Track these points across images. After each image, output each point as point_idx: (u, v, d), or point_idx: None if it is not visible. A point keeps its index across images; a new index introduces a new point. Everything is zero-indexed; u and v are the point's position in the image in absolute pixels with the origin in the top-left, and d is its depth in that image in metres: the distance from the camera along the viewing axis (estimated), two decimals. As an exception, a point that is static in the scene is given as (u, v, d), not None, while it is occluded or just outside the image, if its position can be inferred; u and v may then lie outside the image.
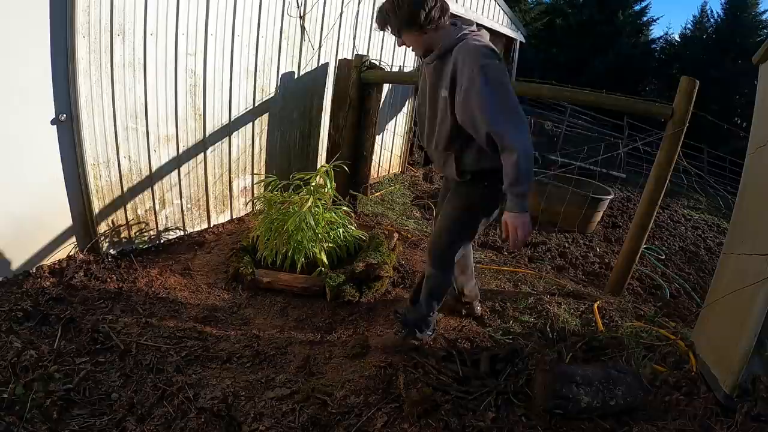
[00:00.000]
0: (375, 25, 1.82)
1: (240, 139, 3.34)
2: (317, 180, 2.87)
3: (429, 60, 1.77)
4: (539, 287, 2.91)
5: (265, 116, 3.49)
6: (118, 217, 2.73)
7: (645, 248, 4.14)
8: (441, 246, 2.01)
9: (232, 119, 3.21)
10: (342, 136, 3.77)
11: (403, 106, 5.44)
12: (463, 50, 1.63)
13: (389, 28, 1.74)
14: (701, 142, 6.92)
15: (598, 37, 15.34)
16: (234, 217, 3.53)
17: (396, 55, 4.88)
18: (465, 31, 1.69)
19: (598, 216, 5.15)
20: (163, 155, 2.84)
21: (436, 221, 2.19)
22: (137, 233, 2.86)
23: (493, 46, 1.67)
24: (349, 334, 2.29)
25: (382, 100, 4.32)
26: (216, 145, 3.17)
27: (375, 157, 4.40)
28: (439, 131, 1.82)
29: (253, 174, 3.56)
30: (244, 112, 3.29)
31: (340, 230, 2.90)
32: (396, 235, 3.34)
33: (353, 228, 3.01)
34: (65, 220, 2.54)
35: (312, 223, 2.69)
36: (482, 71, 1.56)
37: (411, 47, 1.78)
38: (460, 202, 1.94)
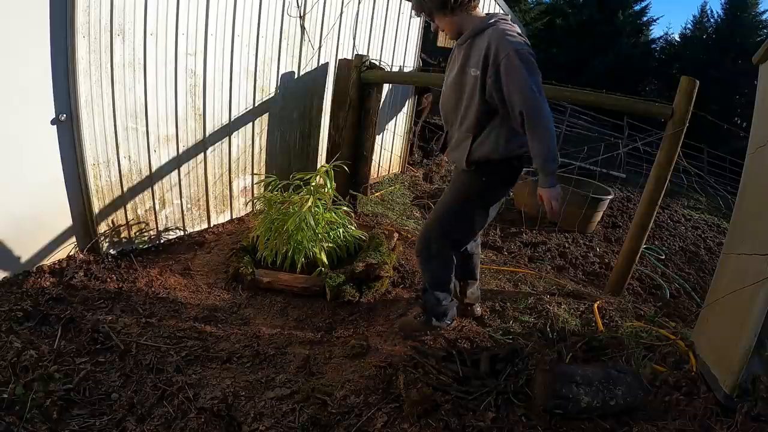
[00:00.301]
0: (412, 11, 1.94)
1: (240, 139, 3.34)
2: (317, 180, 2.87)
3: (461, 41, 1.85)
4: (539, 287, 2.91)
5: (265, 116, 3.49)
6: (118, 217, 2.73)
7: (645, 248, 4.14)
8: (430, 233, 2.06)
9: (232, 119, 3.21)
10: (342, 136, 3.77)
11: (403, 106, 5.44)
12: (496, 33, 1.72)
13: (423, 12, 1.85)
14: (701, 142, 6.93)
15: (598, 37, 15.34)
16: (234, 217, 3.53)
17: (396, 55, 4.88)
18: (497, 18, 1.79)
19: (598, 216, 5.15)
20: (163, 155, 2.84)
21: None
22: (137, 233, 2.86)
23: (522, 37, 1.77)
24: (349, 334, 2.29)
25: (382, 100, 4.32)
26: (216, 145, 3.17)
27: (375, 157, 4.40)
28: (466, 110, 1.89)
29: (253, 174, 3.56)
30: (244, 112, 3.29)
31: (340, 230, 2.90)
32: (396, 235, 3.34)
33: (353, 228, 3.01)
34: (65, 220, 2.54)
35: (312, 223, 2.69)
36: (518, 54, 1.67)
37: (443, 30, 1.89)
38: (457, 189, 2.03)
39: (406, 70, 5.03)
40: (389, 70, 4.19)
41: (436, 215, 2.07)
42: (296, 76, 3.64)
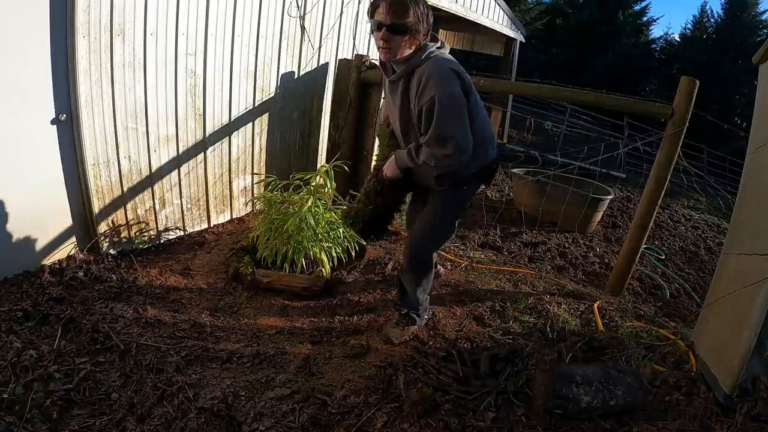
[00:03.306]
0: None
1: (240, 139, 3.34)
2: (317, 180, 2.87)
3: (395, 77, 1.83)
4: (539, 287, 2.91)
5: (265, 116, 3.49)
6: (118, 217, 2.73)
7: (645, 248, 4.14)
8: (418, 248, 2.10)
9: (232, 119, 3.21)
10: (342, 135, 3.77)
11: (403, 106, 5.43)
12: (427, 72, 1.70)
13: (398, 28, 1.69)
14: (701, 142, 6.93)
15: (598, 37, 15.37)
16: (234, 217, 3.53)
17: (396, 55, 4.87)
18: (430, 50, 1.76)
19: (598, 216, 5.15)
20: (163, 155, 2.84)
21: (414, 220, 2.27)
22: (137, 233, 2.86)
23: (457, 66, 1.75)
24: (349, 333, 2.28)
25: (382, 99, 4.32)
26: (216, 145, 3.17)
27: (375, 156, 4.40)
28: (407, 143, 1.93)
29: (253, 174, 3.56)
30: (244, 112, 3.29)
31: (340, 230, 2.90)
32: (396, 235, 3.34)
33: (353, 228, 3.01)
34: (65, 220, 2.54)
35: (312, 223, 2.69)
36: (439, 98, 1.67)
37: (387, 44, 1.73)
38: (438, 207, 2.05)
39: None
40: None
41: (423, 233, 2.09)
42: (296, 76, 3.64)
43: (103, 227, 2.66)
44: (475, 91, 1.83)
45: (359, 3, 4.03)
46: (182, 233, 3.15)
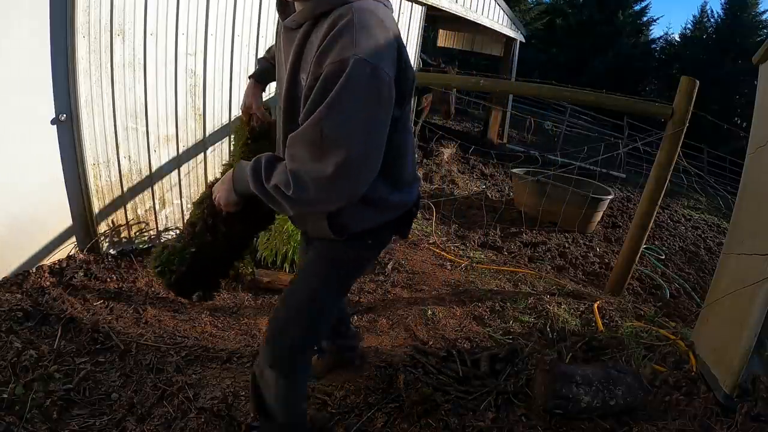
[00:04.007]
0: None
1: (240, 139, 3.34)
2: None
3: (292, 22, 1.04)
4: (539, 287, 2.91)
5: (265, 116, 3.49)
6: (118, 217, 2.73)
7: (645, 248, 4.14)
8: (288, 334, 1.28)
9: (232, 119, 3.21)
10: (342, 136, 3.76)
11: (403, 106, 5.44)
12: (346, 19, 0.93)
13: None
14: (701, 142, 6.92)
15: (598, 37, 15.38)
16: (234, 217, 3.52)
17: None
18: None
19: (598, 216, 5.15)
20: (163, 155, 2.84)
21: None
22: (137, 233, 2.86)
23: (398, 34, 1.03)
24: (349, 334, 2.28)
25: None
26: (216, 145, 3.17)
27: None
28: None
29: (253, 174, 3.56)
30: (244, 112, 3.29)
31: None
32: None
33: (353, 228, 3.01)
34: (65, 220, 2.54)
35: (312, 223, 2.69)
36: (352, 67, 0.89)
37: None
38: (329, 264, 1.27)
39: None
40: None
41: (295, 312, 1.29)
42: (296, 76, 3.64)
43: (103, 227, 2.66)
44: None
45: (359, 3, 4.03)
46: (182, 233, 3.15)
